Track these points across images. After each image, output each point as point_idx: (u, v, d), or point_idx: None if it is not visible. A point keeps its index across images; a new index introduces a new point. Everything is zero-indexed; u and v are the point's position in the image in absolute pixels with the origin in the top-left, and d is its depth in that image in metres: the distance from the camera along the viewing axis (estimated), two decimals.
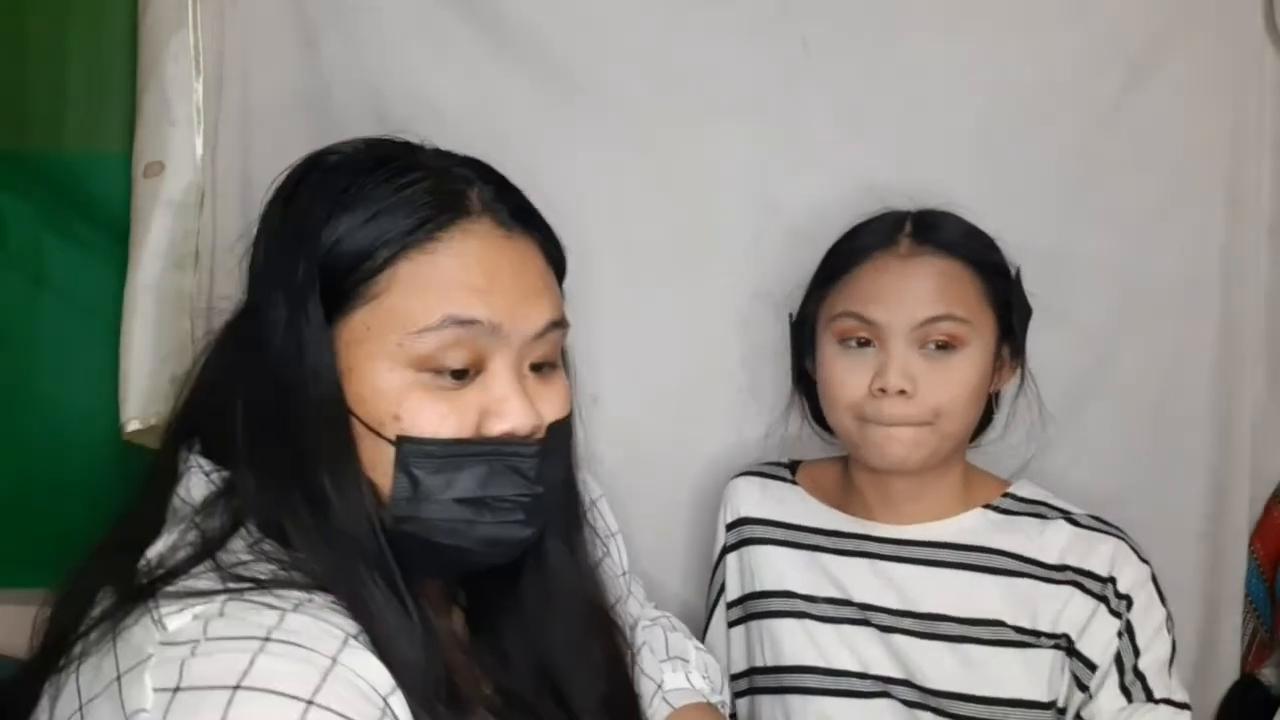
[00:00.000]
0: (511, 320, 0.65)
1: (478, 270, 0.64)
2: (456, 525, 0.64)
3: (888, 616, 0.99)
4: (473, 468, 0.63)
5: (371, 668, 0.57)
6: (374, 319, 0.63)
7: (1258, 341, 1.25)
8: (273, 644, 0.54)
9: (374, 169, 0.66)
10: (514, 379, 0.65)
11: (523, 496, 0.65)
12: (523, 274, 0.67)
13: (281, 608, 0.57)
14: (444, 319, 0.62)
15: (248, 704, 0.52)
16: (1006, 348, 1.00)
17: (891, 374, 0.92)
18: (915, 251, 0.96)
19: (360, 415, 0.62)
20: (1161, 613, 0.96)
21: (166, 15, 1.17)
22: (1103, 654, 0.94)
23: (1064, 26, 1.20)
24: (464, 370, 0.64)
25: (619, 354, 1.25)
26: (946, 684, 0.96)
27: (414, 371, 0.63)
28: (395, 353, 0.62)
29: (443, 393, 0.63)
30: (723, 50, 1.20)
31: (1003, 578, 0.97)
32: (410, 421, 0.62)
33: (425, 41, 1.20)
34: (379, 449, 0.62)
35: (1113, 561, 0.95)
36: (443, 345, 0.63)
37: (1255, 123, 1.22)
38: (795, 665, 1.02)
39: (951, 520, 1.00)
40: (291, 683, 0.53)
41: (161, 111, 1.17)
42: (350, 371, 0.63)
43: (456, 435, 0.63)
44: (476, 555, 0.66)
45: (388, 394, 0.62)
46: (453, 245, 0.64)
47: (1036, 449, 1.11)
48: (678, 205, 1.22)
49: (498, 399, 0.64)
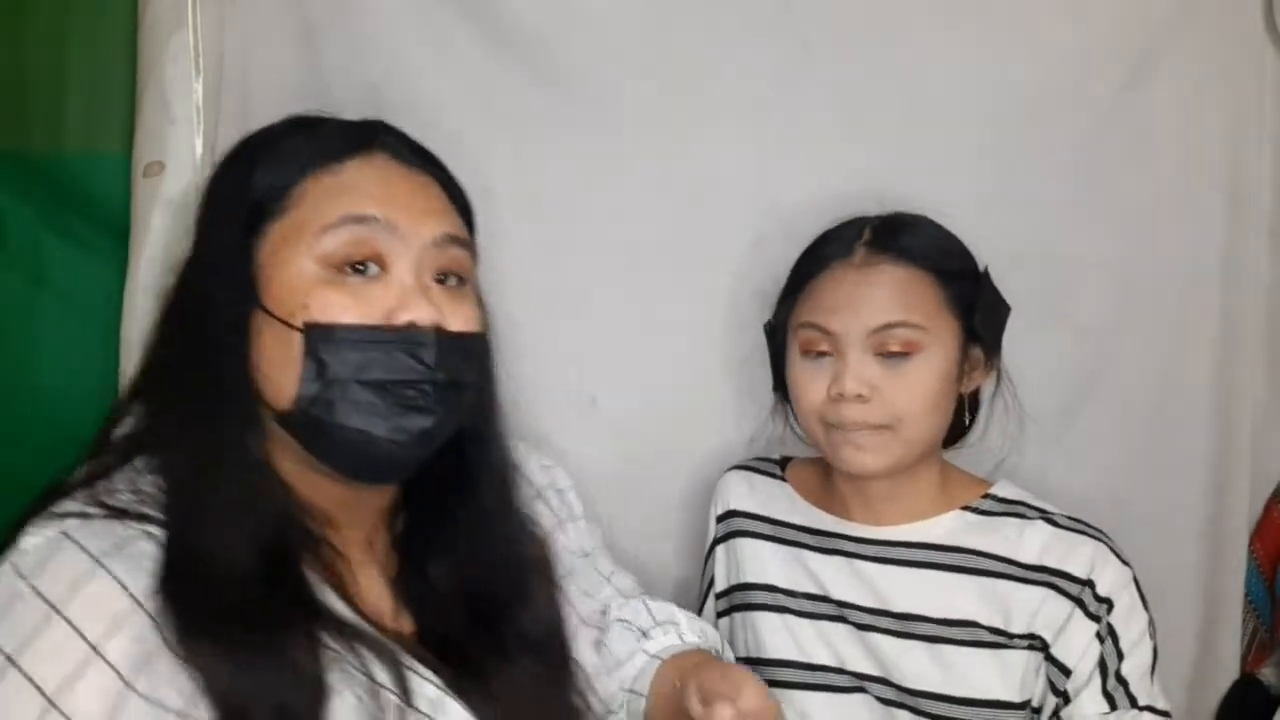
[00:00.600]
0: (408, 222, 0.72)
1: (378, 183, 0.73)
2: (359, 407, 0.69)
3: (864, 615, 1.00)
4: (375, 352, 0.69)
5: (125, 654, 0.62)
6: (288, 229, 0.71)
7: (1258, 341, 1.25)
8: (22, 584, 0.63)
9: (291, 125, 0.77)
10: (414, 278, 0.72)
11: (424, 383, 0.71)
12: (421, 196, 0.75)
13: (91, 554, 0.64)
14: (342, 217, 0.70)
15: None
16: (977, 349, 1.00)
17: (847, 380, 0.94)
18: (870, 260, 0.98)
19: (274, 311, 0.69)
20: (1144, 618, 0.96)
21: (166, 15, 1.17)
22: (1079, 659, 0.94)
23: (1064, 26, 1.20)
24: (364, 264, 0.71)
25: (618, 354, 1.25)
26: (921, 683, 0.97)
27: (321, 268, 0.70)
28: (304, 253, 0.70)
29: (348, 287, 0.70)
30: (723, 50, 1.20)
31: (978, 578, 0.98)
32: (318, 309, 0.69)
33: (425, 41, 1.20)
34: (289, 340, 0.69)
35: (1092, 564, 0.95)
36: (343, 242, 0.70)
37: (1255, 123, 1.22)
38: (775, 659, 1.04)
39: (928, 522, 1.01)
40: (42, 672, 0.61)
41: (161, 111, 1.17)
42: (269, 276, 0.70)
43: (360, 322, 0.70)
44: (381, 446, 0.70)
45: (297, 288, 0.70)
46: (357, 165, 0.73)
47: (1013, 449, 1.10)
48: (678, 205, 1.22)
49: (399, 294, 0.71)
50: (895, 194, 1.06)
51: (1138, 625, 0.95)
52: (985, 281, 1.01)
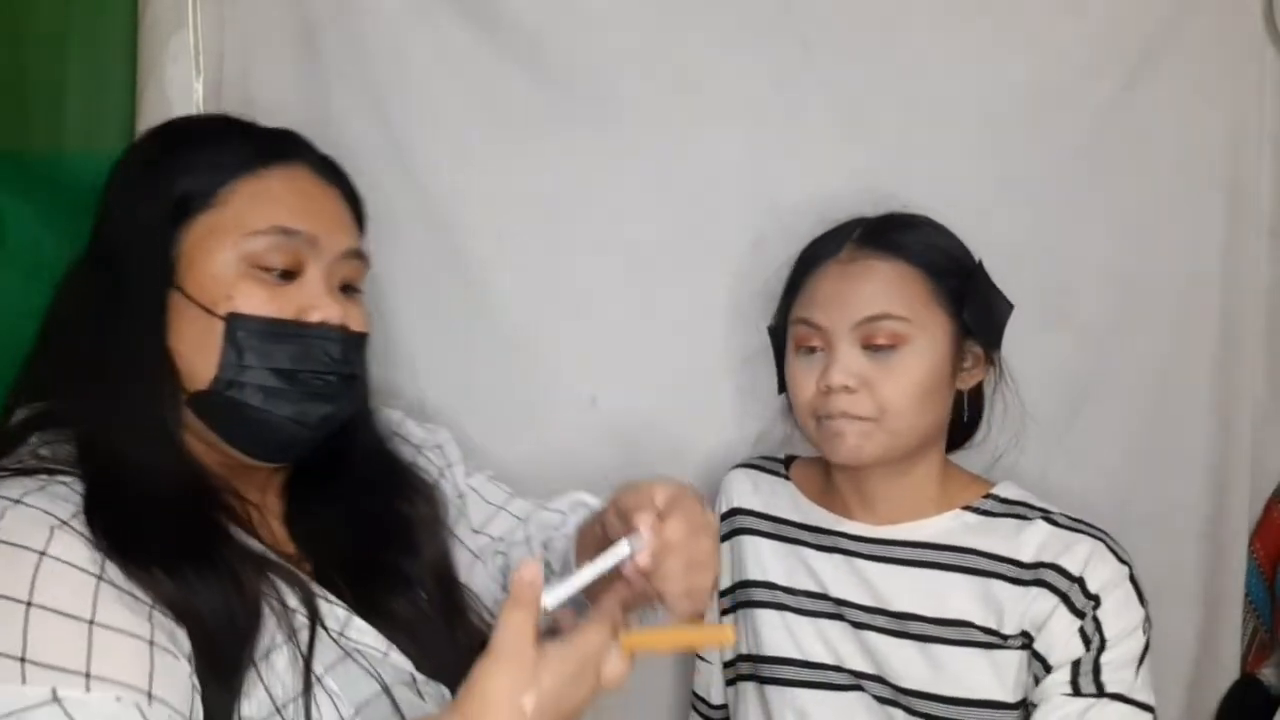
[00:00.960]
0: (326, 236, 0.81)
1: (300, 196, 0.81)
2: (271, 392, 0.77)
3: (861, 613, 1.01)
4: (288, 344, 0.78)
5: (78, 552, 0.67)
6: (217, 222, 0.77)
7: (1258, 341, 1.25)
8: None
9: (213, 125, 0.84)
10: (326, 284, 0.81)
11: (329, 374, 0.80)
12: (334, 210, 0.84)
13: (8, 498, 0.68)
14: (273, 227, 0.78)
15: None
16: (975, 346, 1.00)
17: (834, 372, 0.96)
18: (856, 256, 0.99)
19: (196, 297, 0.76)
20: (1138, 613, 0.95)
21: (166, 15, 1.18)
22: (1060, 652, 0.94)
23: (1064, 26, 1.20)
24: (285, 270, 0.79)
25: (618, 354, 1.25)
26: (915, 682, 0.97)
27: (246, 265, 0.77)
28: (231, 250, 0.77)
29: (268, 286, 0.78)
30: (723, 50, 1.21)
31: (975, 578, 0.98)
32: (241, 301, 0.76)
33: (425, 41, 1.21)
34: (209, 326, 0.76)
35: (1086, 561, 0.95)
36: (269, 247, 0.78)
37: (1255, 123, 1.22)
38: (774, 656, 1.04)
39: (927, 521, 1.01)
40: (7, 585, 0.64)
41: (161, 111, 1.17)
42: (192, 263, 0.77)
43: (276, 316, 0.77)
44: (287, 429, 0.79)
45: (222, 280, 0.76)
46: (282, 175, 0.81)
47: (1012, 447, 1.10)
48: (678, 205, 1.23)
49: (312, 295, 0.79)
50: (895, 194, 1.06)
51: (1128, 619, 0.94)
52: (979, 276, 1.01)
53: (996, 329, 1.02)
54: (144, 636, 0.66)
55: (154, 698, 0.65)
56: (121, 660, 0.65)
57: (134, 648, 0.65)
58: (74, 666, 0.63)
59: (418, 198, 1.23)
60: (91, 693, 0.63)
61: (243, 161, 0.79)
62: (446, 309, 1.26)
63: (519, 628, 0.66)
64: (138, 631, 0.66)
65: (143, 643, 0.66)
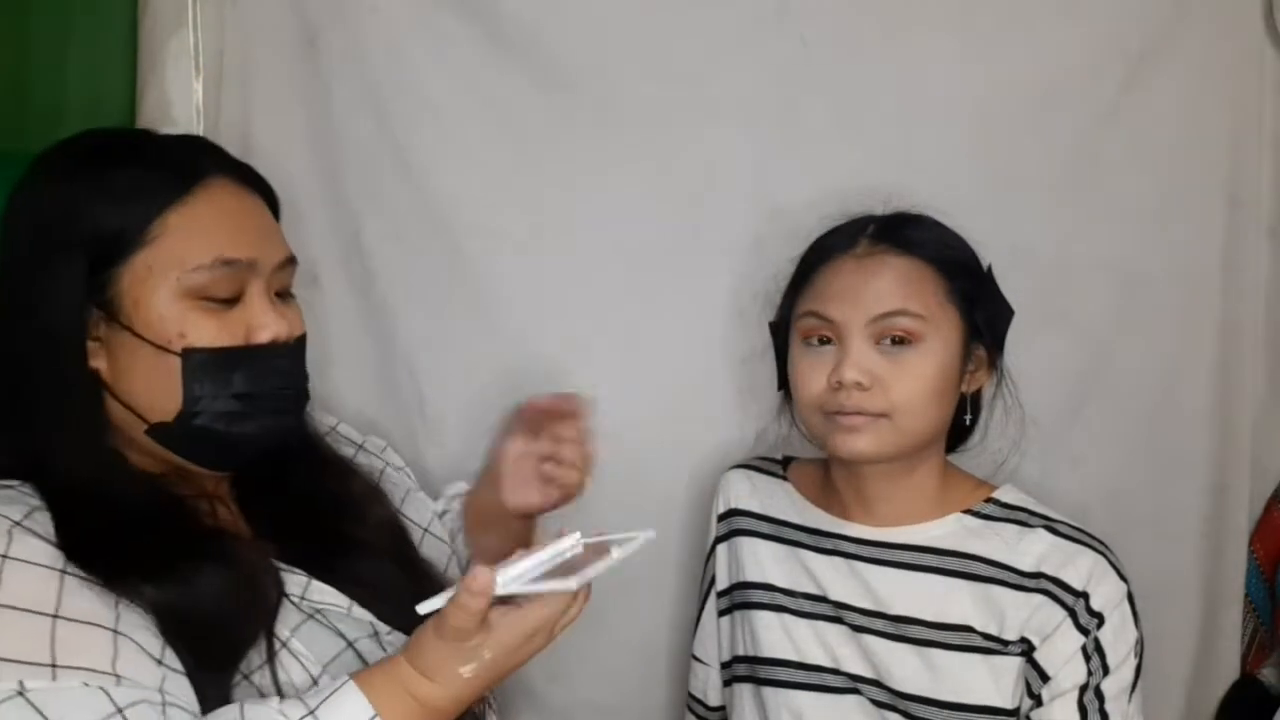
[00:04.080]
0: (263, 256, 0.81)
1: (231, 218, 0.81)
2: (235, 416, 0.79)
3: (860, 616, 1.00)
4: (244, 369, 0.79)
5: (38, 550, 0.69)
6: (154, 259, 0.77)
7: (1258, 341, 1.25)
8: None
9: (113, 152, 0.81)
10: (268, 300, 0.82)
11: (285, 389, 0.83)
12: (261, 219, 0.84)
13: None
14: (215, 260, 0.78)
15: None
16: (980, 349, 1.00)
17: (846, 368, 0.94)
18: (872, 251, 0.98)
19: (147, 336, 0.76)
20: (1133, 635, 0.96)
21: (166, 15, 1.18)
22: (1060, 667, 0.94)
23: (1063, 26, 1.19)
24: (229, 298, 0.80)
25: (618, 354, 1.25)
26: (913, 687, 0.97)
27: (191, 299, 0.77)
28: (175, 285, 0.77)
29: (215, 314, 0.79)
30: (723, 50, 1.20)
31: (975, 584, 0.98)
32: (194, 336, 0.77)
33: (425, 41, 1.21)
34: (165, 363, 0.77)
35: (1089, 576, 0.95)
36: (214, 280, 0.78)
37: (1255, 123, 1.22)
38: (771, 657, 1.04)
39: (928, 524, 1.01)
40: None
41: (161, 111, 1.17)
42: (137, 303, 0.77)
43: (230, 344, 0.79)
44: (251, 443, 0.81)
45: (171, 318, 0.77)
46: (206, 198, 0.79)
47: (1015, 454, 1.09)
48: (678, 205, 1.23)
49: (258, 314, 0.80)
50: (894, 194, 1.06)
51: (1125, 643, 0.95)
52: (988, 278, 1.01)
53: (1001, 332, 1.02)
54: (108, 624, 0.68)
55: (122, 679, 0.67)
56: (86, 648, 0.67)
57: (99, 636, 0.68)
58: (40, 659, 0.65)
59: (418, 198, 1.23)
60: (58, 681, 0.65)
61: (165, 189, 0.78)
62: (446, 309, 1.26)
63: (462, 620, 0.71)
64: (101, 620, 0.68)
65: (106, 631, 0.68)
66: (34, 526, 0.70)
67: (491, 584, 0.70)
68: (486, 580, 0.70)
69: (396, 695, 0.72)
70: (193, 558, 0.74)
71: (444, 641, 0.72)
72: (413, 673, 0.73)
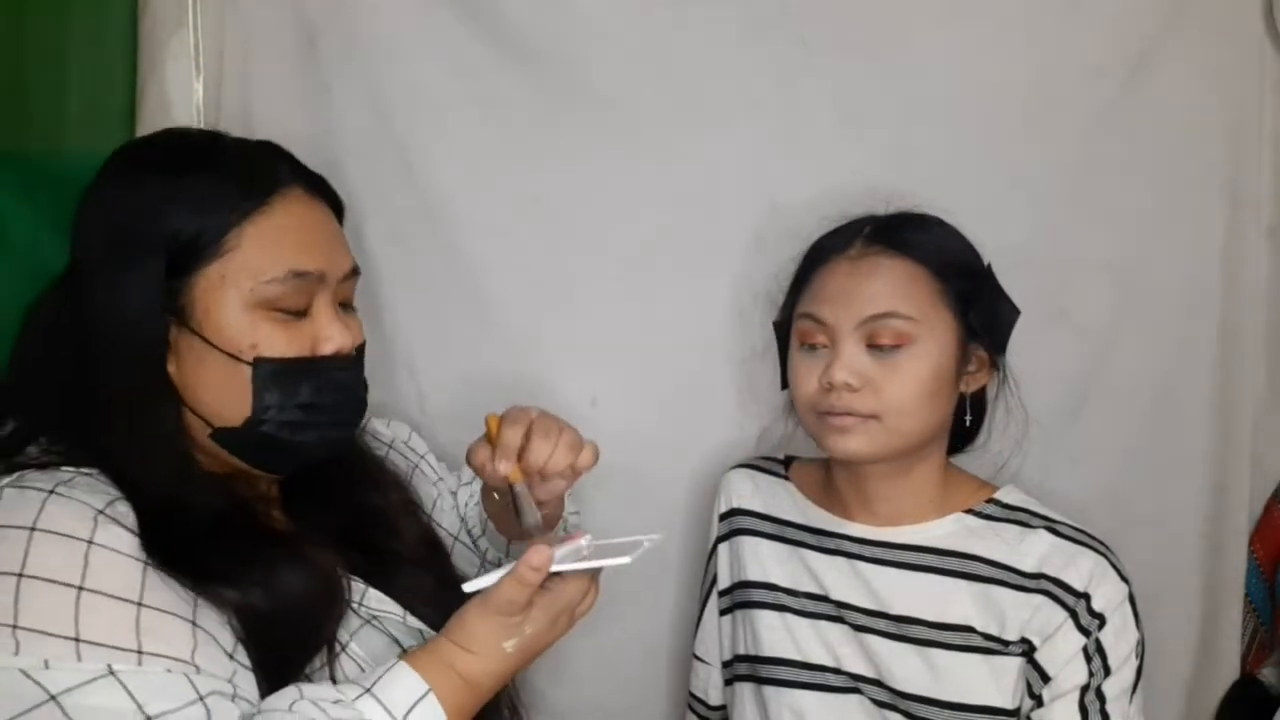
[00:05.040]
0: (331, 267, 0.83)
1: (304, 230, 0.82)
2: (299, 425, 0.81)
3: (862, 616, 1.01)
4: (310, 380, 0.81)
5: (123, 540, 0.70)
6: (227, 269, 0.78)
7: (1258, 341, 1.25)
8: (38, 533, 0.68)
9: (191, 157, 0.82)
10: (334, 312, 0.83)
11: (347, 401, 0.85)
12: (330, 230, 0.85)
13: (43, 489, 0.70)
14: (288, 273, 0.79)
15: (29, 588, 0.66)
16: (980, 349, 1.00)
17: (836, 369, 0.95)
18: (865, 253, 0.99)
19: (219, 344, 0.78)
20: (1134, 636, 0.96)
21: (166, 15, 1.18)
22: (1061, 668, 0.94)
23: (1063, 26, 1.20)
24: (298, 310, 0.81)
25: (619, 354, 1.25)
26: (913, 687, 0.97)
27: (263, 310, 0.79)
28: (248, 296, 0.78)
29: (285, 325, 0.80)
30: (723, 50, 1.21)
31: (976, 584, 0.98)
32: (266, 347, 0.79)
33: (425, 41, 1.21)
34: (235, 370, 0.78)
35: (1090, 577, 0.95)
36: (286, 292, 0.79)
37: (1255, 123, 1.22)
38: (772, 657, 1.04)
39: (928, 524, 1.01)
40: (59, 572, 0.67)
41: (161, 111, 1.17)
42: (208, 312, 0.78)
43: (298, 355, 0.80)
44: (311, 451, 0.83)
45: (243, 328, 0.78)
46: (283, 208, 0.81)
47: (1016, 454, 1.09)
48: (678, 205, 1.23)
49: (324, 326, 0.82)
50: (895, 194, 1.06)
51: (1126, 644, 0.95)
52: (987, 279, 1.01)
53: (1002, 333, 1.02)
54: (187, 617, 0.70)
55: (200, 669, 0.69)
56: (169, 636, 0.69)
57: (179, 627, 0.70)
58: (126, 644, 0.67)
59: (418, 198, 1.23)
60: (144, 665, 0.67)
61: (243, 199, 0.79)
62: (446, 309, 1.26)
63: (516, 594, 0.75)
64: (181, 612, 0.70)
65: (186, 622, 0.70)
66: (116, 515, 0.71)
67: (549, 560, 0.75)
68: (545, 557, 0.74)
69: (443, 671, 0.75)
70: (271, 560, 0.76)
71: (491, 616, 0.76)
72: (456, 648, 0.76)
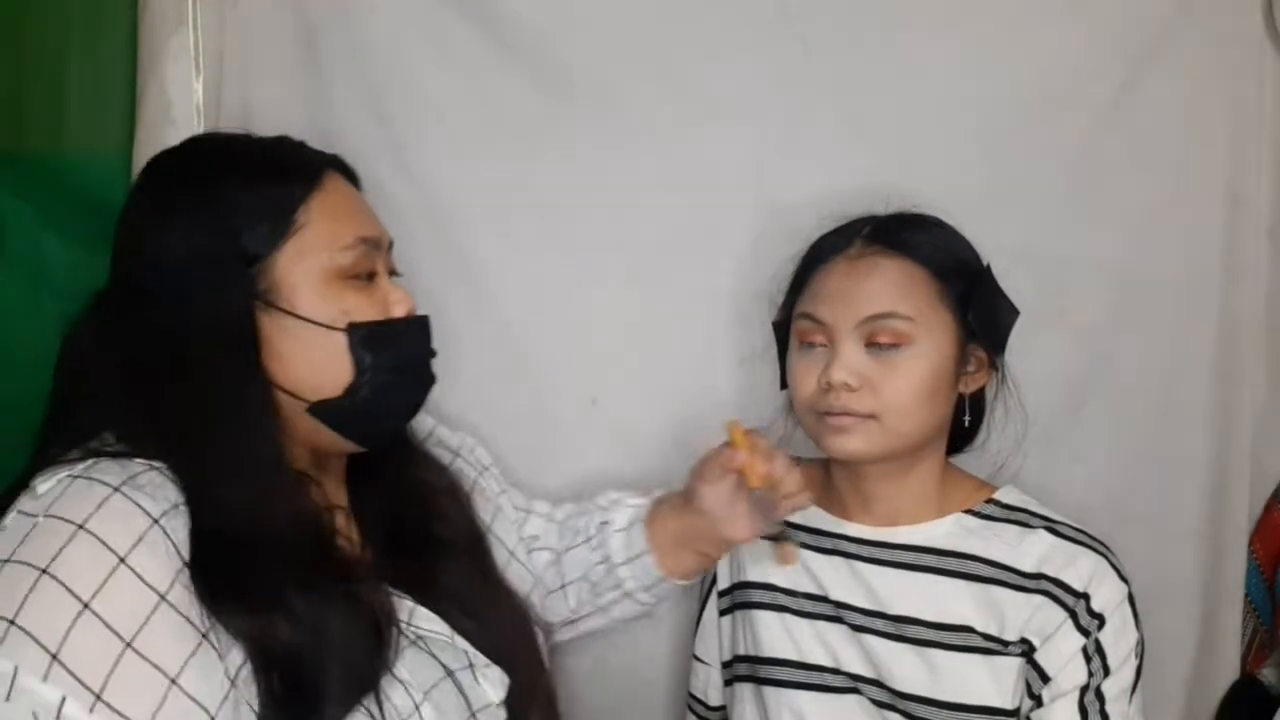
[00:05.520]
0: (382, 235, 0.88)
1: (353, 201, 0.88)
2: (392, 387, 0.84)
3: (860, 616, 1.01)
4: (396, 341, 0.84)
5: (155, 565, 0.68)
6: (305, 243, 0.81)
7: (1258, 341, 1.25)
8: (82, 533, 0.67)
9: (238, 154, 0.85)
10: (388, 278, 0.88)
11: (428, 359, 0.89)
12: (367, 203, 0.90)
13: (108, 483, 0.70)
14: (356, 239, 0.83)
15: None
16: (979, 350, 1.00)
17: (835, 369, 0.95)
18: (864, 253, 0.99)
19: (312, 317, 0.80)
20: (1134, 637, 0.96)
21: (166, 15, 1.18)
22: (1060, 668, 0.94)
23: (1064, 26, 1.19)
24: (369, 275, 0.85)
25: (619, 354, 1.25)
26: (913, 687, 0.97)
27: (342, 278, 0.82)
28: (327, 265, 0.82)
29: (362, 290, 0.84)
30: (723, 50, 1.20)
31: (975, 584, 0.98)
32: (355, 312, 0.82)
33: (425, 41, 1.21)
34: (331, 341, 0.81)
35: (1090, 577, 0.95)
36: (358, 259, 0.83)
37: (1255, 123, 1.22)
38: (771, 657, 1.04)
39: (928, 525, 1.01)
40: (77, 582, 0.66)
41: (161, 111, 1.17)
42: (295, 288, 0.80)
43: (380, 318, 0.84)
44: (401, 414, 0.89)
45: (330, 296, 0.81)
46: (332, 184, 0.85)
47: (1016, 454, 1.10)
48: (678, 205, 1.22)
49: (388, 292, 0.86)
50: (895, 194, 1.06)
51: (1126, 644, 0.95)
52: (986, 280, 1.01)
53: (1001, 333, 1.01)
54: (170, 672, 0.67)
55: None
56: (136, 692, 0.66)
57: (153, 682, 0.67)
58: (90, 683, 0.65)
59: (418, 198, 1.23)
60: (94, 715, 0.65)
61: (301, 180, 0.83)
62: (446, 309, 1.25)
63: None
64: (166, 666, 0.67)
65: (164, 680, 0.67)
66: (169, 528, 0.70)
67: None
68: None
69: None
70: (323, 601, 0.74)
71: None
72: None
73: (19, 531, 0.69)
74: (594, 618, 1.09)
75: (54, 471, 0.72)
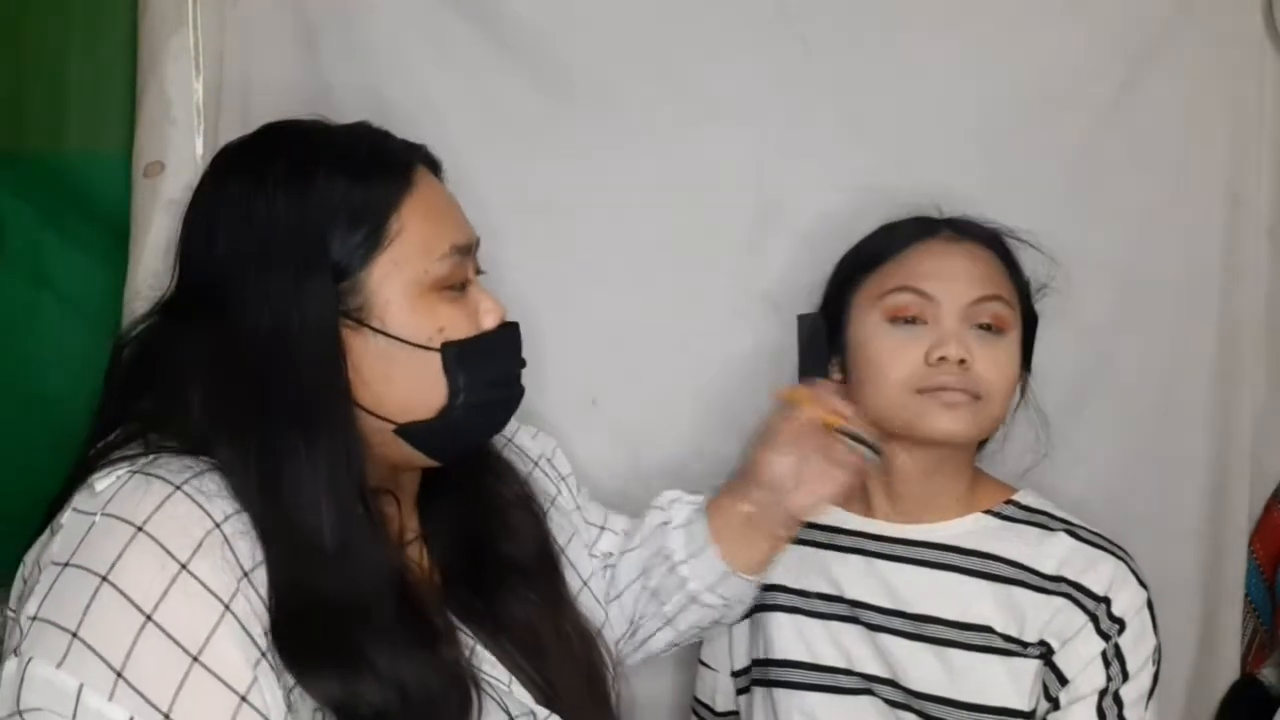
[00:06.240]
0: (470, 238, 0.81)
1: (443, 200, 0.80)
2: (484, 405, 0.78)
3: (878, 615, 1.00)
4: (488, 356, 0.78)
5: (218, 572, 0.64)
6: (399, 254, 0.74)
7: (1258, 341, 1.25)
8: (141, 535, 0.64)
9: (320, 147, 0.77)
10: (475, 284, 0.81)
11: (515, 372, 0.83)
12: (457, 203, 0.83)
13: (172, 482, 0.66)
14: (451, 248, 0.77)
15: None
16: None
17: (951, 344, 0.94)
18: (957, 239, 1.00)
19: (406, 337, 0.74)
20: (1152, 643, 0.96)
21: (166, 15, 1.17)
22: (1079, 671, 0.94)
23: (1064, 26, 1.19)
24: (462, 284, 0.79)
25: (619, 354, 1.25)
26: (929, 687, 0.97)
27: (437, 291, 0.76)
28: (423, 278, 0.75)
29: (455, 302, 0.77)
30: (723, 50, 1.20)
31: (996, 584, 0.98)
32: (450, 329, 0.75)
33: (425, 41, 1.20)
34: (425, 361, 0.74)
35: (1111, 582, 0.95)
36: (451, 269, 0.77)
37: (1255, 123, 1.22)
38: (783, 659, 1.03)
39: (950, 523, 1.01)
40: (138, 591, 0.62)
41: (161, 111, 1.17)
42: (389, 304, 0.74)
43: (473, 333, 0.77)
44: (489, 430, 0.84)
45: (425, 312, 0.75)
46: (422, 182, 0.78)
47: (1035, 459, 1.10)
48: (678, 205, 1.22)
49: (483, 299, 0.80)
50: (895, 194, 1.06)
51: (1144, 650, 0.95)
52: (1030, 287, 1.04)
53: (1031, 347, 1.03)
54: (239, 690, 0.63)
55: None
56: (203, 710, 0.62)
57: (221, 698, 0.63)
58: (159, 701, 0.61)
59: None
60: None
61: (394, 181, 0.76)
62: None
63: None
64: (234, 682, 0.63)
65: (233, 696, 0.63)
66: (233, 531, 0.66)
67: None
68: None
69: None
70: (405, 657, 0.69)
71: None
72: None
73: (77, 532, 0.65)
74: (662, 633, 1.03)
75: (113, 467, 0.68)
